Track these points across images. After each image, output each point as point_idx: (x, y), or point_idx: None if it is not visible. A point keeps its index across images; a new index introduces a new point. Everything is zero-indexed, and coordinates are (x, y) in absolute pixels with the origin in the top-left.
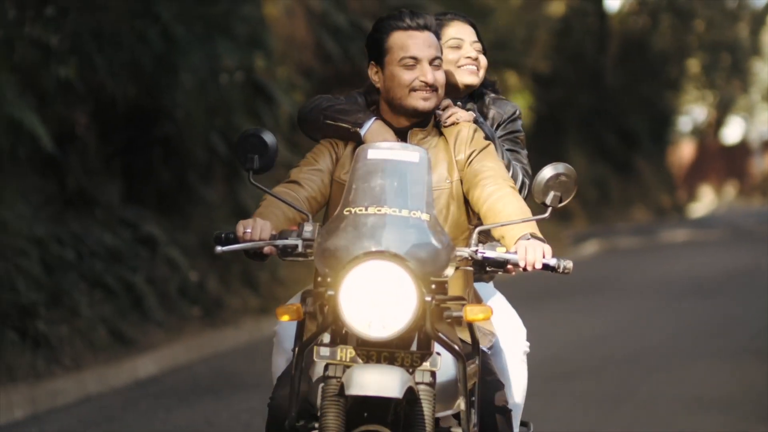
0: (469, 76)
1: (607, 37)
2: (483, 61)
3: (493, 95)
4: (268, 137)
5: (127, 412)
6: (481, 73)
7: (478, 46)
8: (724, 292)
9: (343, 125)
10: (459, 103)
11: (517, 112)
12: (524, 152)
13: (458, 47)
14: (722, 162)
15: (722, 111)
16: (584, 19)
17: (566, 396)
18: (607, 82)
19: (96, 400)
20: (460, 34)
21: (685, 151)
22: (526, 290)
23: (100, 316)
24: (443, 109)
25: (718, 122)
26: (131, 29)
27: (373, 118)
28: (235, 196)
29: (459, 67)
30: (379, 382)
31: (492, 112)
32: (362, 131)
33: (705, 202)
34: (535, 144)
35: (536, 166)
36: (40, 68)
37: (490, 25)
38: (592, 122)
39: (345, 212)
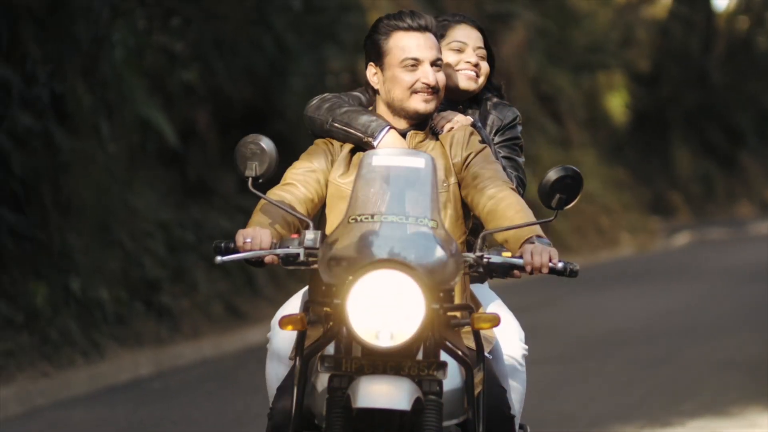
0: (466, 81)
1: (714, 36)
2: (485, 67)
3: (495, 100)
4: (267, 144)
5: (238, 371)
6: (481, 79)
7: (482, 52)
8: None
9: (355, 133)
10: (460, 107)
11: (518, 119)
12: (521, 160)
13: (460, 51)
14: None
15: None
16: (688, 19)
17: (619, 358)
18: (712, 81)
19: (211, 362)
20: (465, 38)
21: None
22: (605, 273)
23: (216, 291)
24: (436, 123)
25: None
26: (247, 38)
27: (387, 127)
28: None
29: (457, 71)
30: (387, 394)
31: (492, 117)
32: (375, 142)
33: None
34: (639, 140)
35: (640, 162)
36: (167, 73)
37: (585, 29)
38: (697, 119)
39: (350, 221)
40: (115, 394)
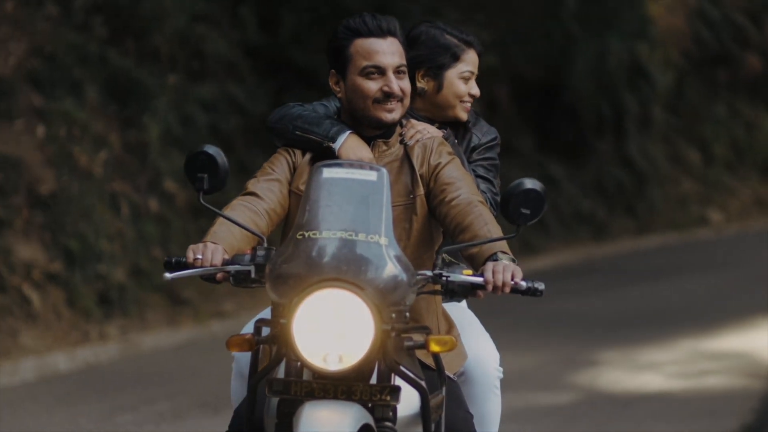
0: (464, 113)
1: None
2: (478, 94)
3: (474, 114)
4: (219, 156)
5: None
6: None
7: (475, 76)
8: None
9: (315, 138)
10: (436, 124)
11: (497, 139)
12: (497, 181)
13: (467, 80)
14: None
15: None
16: None
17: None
18: None
19: None
20: (473, 66)
21: None
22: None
23: None
24: (405, 132)
25: None
26: (540, 28)
27: (348, 131)
28: (621, 147)
29: (462, 102)
30: (330, 420)
31: (470, 134)
32: (336, 146)
33: None
34: None
35: None
36: None
37: None
38: None
39: (298, 236)
40: None
